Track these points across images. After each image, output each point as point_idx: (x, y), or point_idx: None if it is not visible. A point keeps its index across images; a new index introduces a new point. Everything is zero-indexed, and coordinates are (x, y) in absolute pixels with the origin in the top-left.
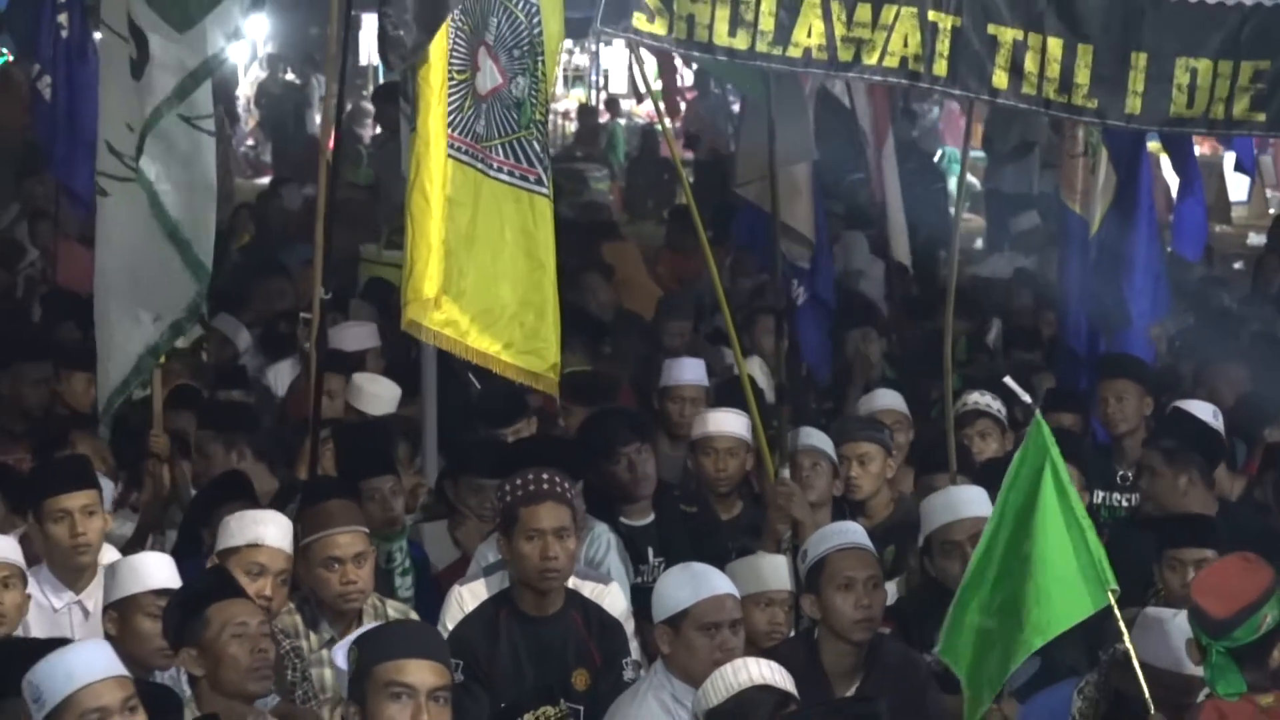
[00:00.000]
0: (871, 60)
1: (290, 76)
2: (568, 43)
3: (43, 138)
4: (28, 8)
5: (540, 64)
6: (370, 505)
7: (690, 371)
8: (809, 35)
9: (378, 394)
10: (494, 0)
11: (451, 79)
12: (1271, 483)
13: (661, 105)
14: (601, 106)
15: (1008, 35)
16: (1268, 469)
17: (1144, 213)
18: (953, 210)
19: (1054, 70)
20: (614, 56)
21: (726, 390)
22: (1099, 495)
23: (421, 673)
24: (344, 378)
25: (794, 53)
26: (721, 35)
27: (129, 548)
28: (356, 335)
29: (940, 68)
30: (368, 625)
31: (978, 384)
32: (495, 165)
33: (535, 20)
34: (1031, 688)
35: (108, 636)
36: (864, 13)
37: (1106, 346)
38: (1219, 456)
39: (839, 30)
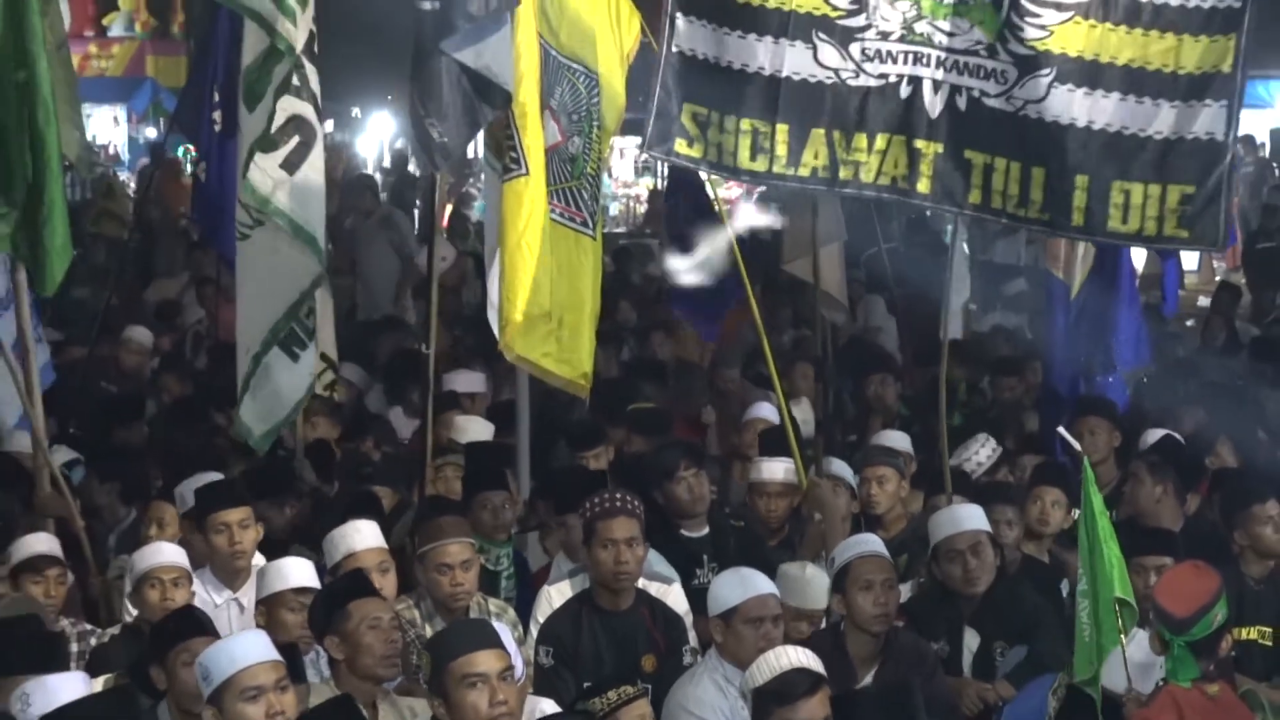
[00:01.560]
0: (868, 179)
1: (412, 167)
2: (635, 139)
3: (203, 215)
4: (191, 106)
5: (595, 127)
6: (484, 514)
7: (765, 410)
8: (815, 158)
9: (474, 430)
10: (560, 73)
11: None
12: (1218, 502)
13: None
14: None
15: (979, 159)
16: (1215, 490)
17: (1125, 278)
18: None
19: (1014, 189)
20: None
21: (772, 434)
22: (1076, 513)
23: (489, 661)
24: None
25: (803, 172)
26: (744, 160)
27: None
28: (467, 380)
29: (924, 186)
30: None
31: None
32: (552, 207)
33: (594, 92)
34: (1018, 673)
35: (259, 627)
36: (860, 140)
37: (1085, 390)
38: (1196, 479)
39: (840, 155)
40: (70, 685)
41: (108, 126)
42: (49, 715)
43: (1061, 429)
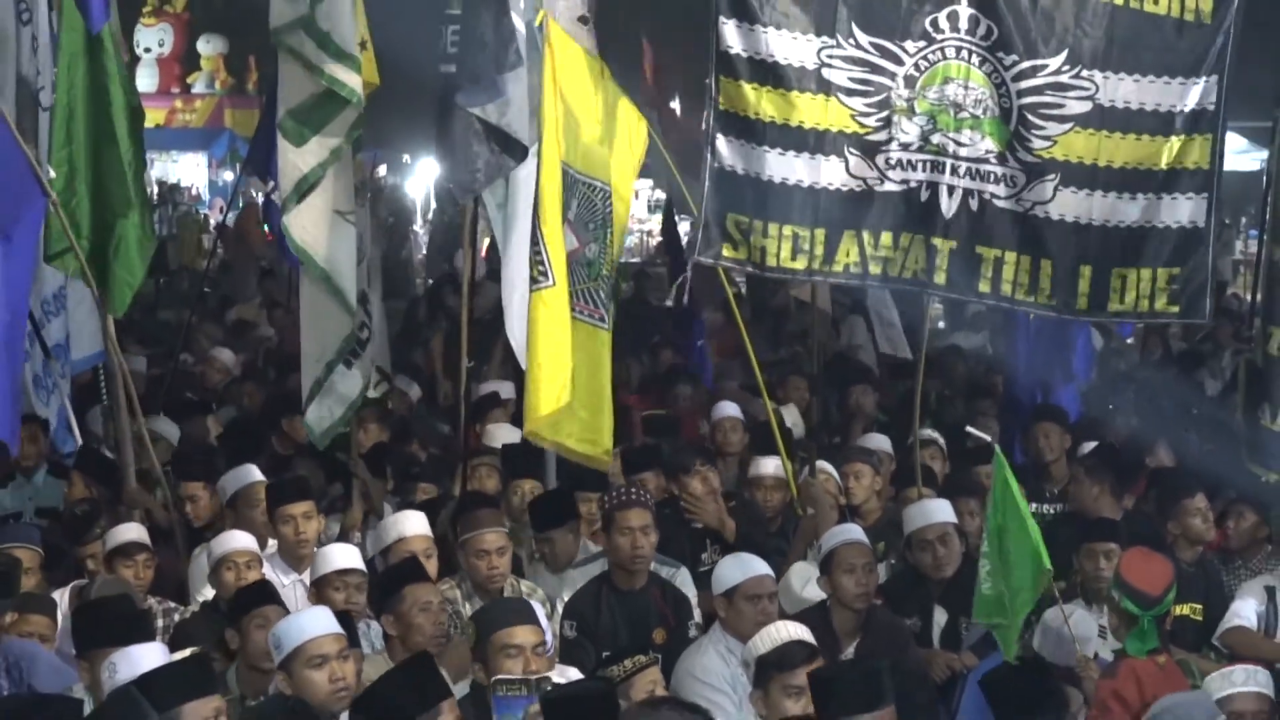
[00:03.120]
0: (893, 273)
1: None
2: (649, 182)
3: (279, 244)
4: (261, 149)
5: (609, 234)
6: (514, 499)
7: (730, 409)
8: (848, 256)
9: (502, 434)
10: (575, 188)
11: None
12: (1154, 498)
13: None
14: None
15: (990, 254)
16: (1150, 487)
17: None
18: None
19: (1024, 279)
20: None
21: (761, 432)
22: (1033, 506)
23: (526, 634)
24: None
25: (838, 269)
26: (785, 260)
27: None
28: (500, 387)
29: (940, 278)
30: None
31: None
32: (575, 306)
33: (607, 203)
34: (981, 645)
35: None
36: (886, 239)
37: (1042, 399)
38: (1134, 478)
39: (869, 252)
40: (151, 655)
41: (190, 171)
42: (136, 680)
43: (970, 428)
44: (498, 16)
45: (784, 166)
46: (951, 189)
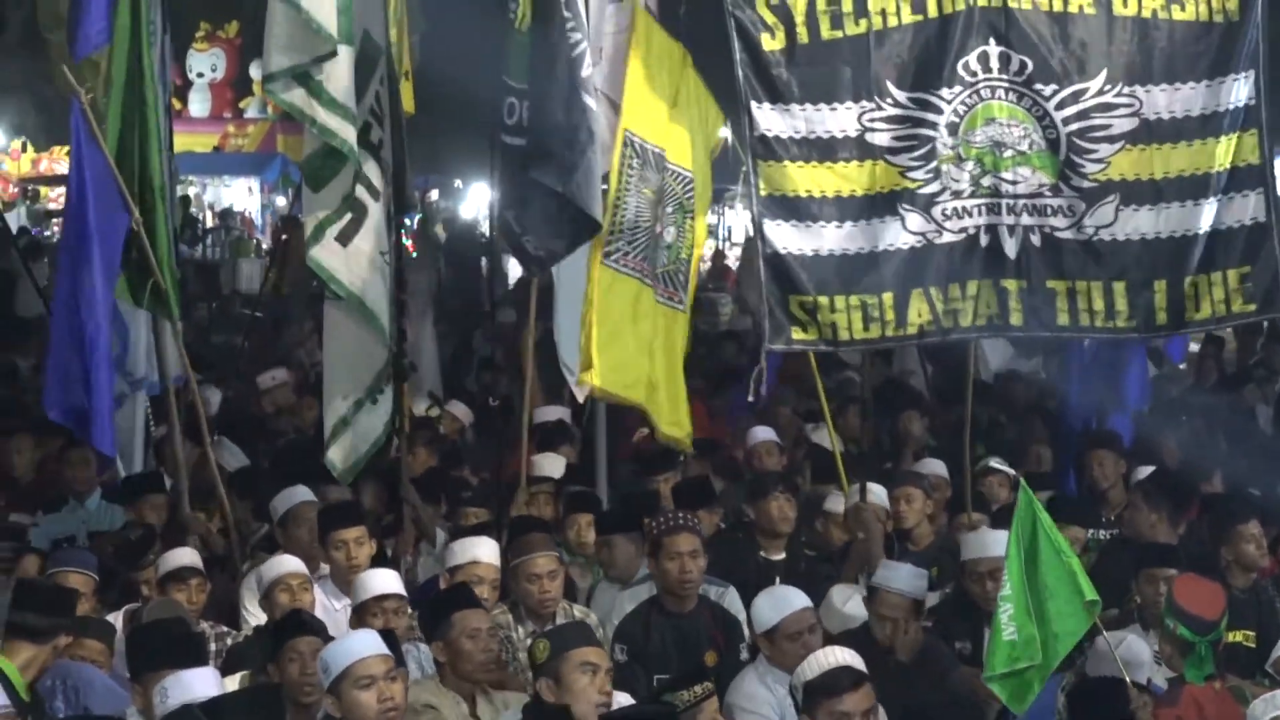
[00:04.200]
0: (966, 324)
1: None
2: None
3: None
4: None
5: (689, 220)
6: (570, 534)
7: (764, 434)
8: (919, 315)
9: (548, 465)
10: (663, 174)
11: (637, 225)
12: (1207, 523)
13: None
14: (726, 251)
15: (1062, 286)
16: (1204, 513)
17: None
18: None
19: (1100, 304)
20: (736, 217)
21: (823, 459)
22: (1089, 532)
23: (600, 656)
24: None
25: (911, 330)
26: (858, 331)
27: (390, 565)
28: (554, 413)
29: (1016, 319)
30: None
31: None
32: (656, 289)
33: (689, 190)
34: None
35: None
36: (954, 290)
37: (1096, 425)
38: (1188, 503)
39: (939, 307)
40: (202, 680)
41: (243, 195)
42: (204, 705)
43: (994, 460)
44: (569, 96)
45: (840, 238)
46: (1011, 228)
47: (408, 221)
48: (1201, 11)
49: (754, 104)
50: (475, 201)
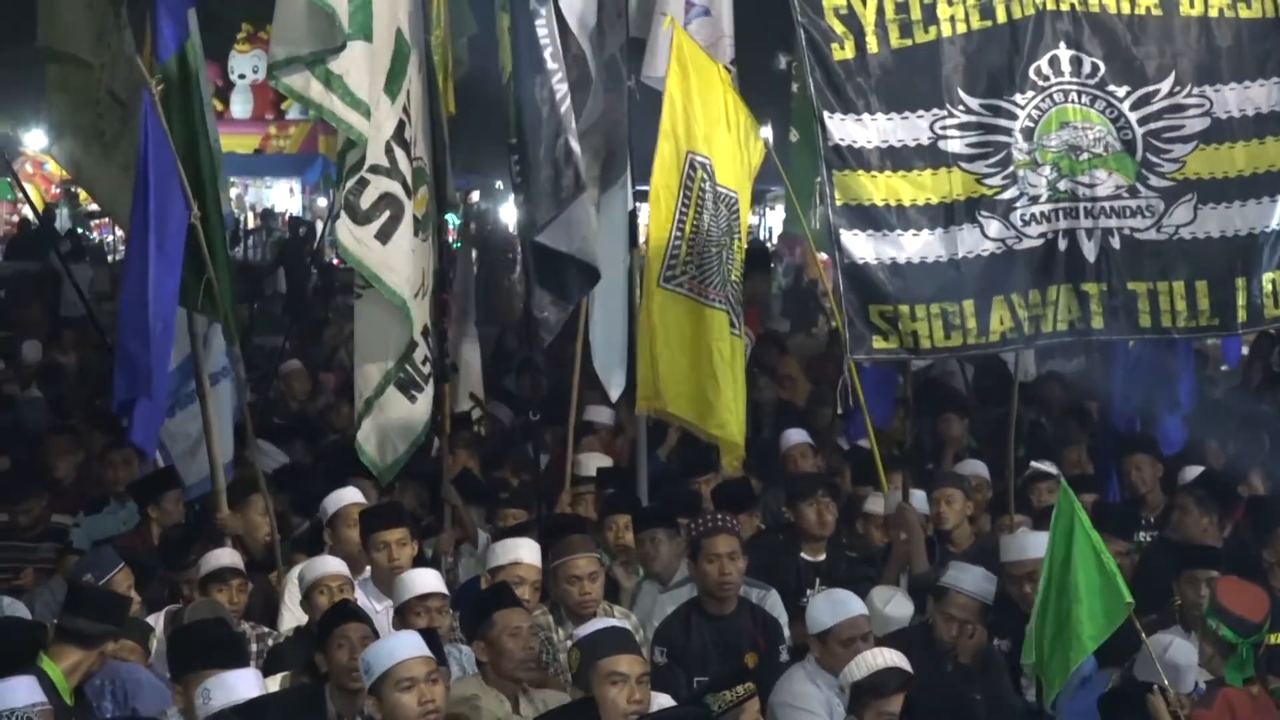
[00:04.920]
0: (1048, 329)
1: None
2: None
3: None
4: None
5: (735, 241)
6: (610, 535)
7: (798, 436)
8: (1001, 323)
9: (594, 464)
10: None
11: (707, 248)
12: (1250, 525)
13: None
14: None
15: (1142, 287)
16: (1248, 514)
17: None
18: None
19: (1182, 305)
20: (776, 216)
21: (861, 459)
22: (1140, 535)
23: (631, 664)
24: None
25: (994, 338)
26: (940, 339)
27: (431, 565)
28: (599, 413)
29: (1098, 322)
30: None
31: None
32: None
33: (734, 210)
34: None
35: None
36: (1035, 296)
37: (1141, 428)
38: (1232, 506)
39: (1021, 314)
40: (245, 681)
41: (284, 196)
42: (242, 706)
43: (1035, 463)
44: (551, 140)
45: (918, 246)
46: (1090, 232)
47: (451, 221)
48: (1268, 8)
49: (826, 114)
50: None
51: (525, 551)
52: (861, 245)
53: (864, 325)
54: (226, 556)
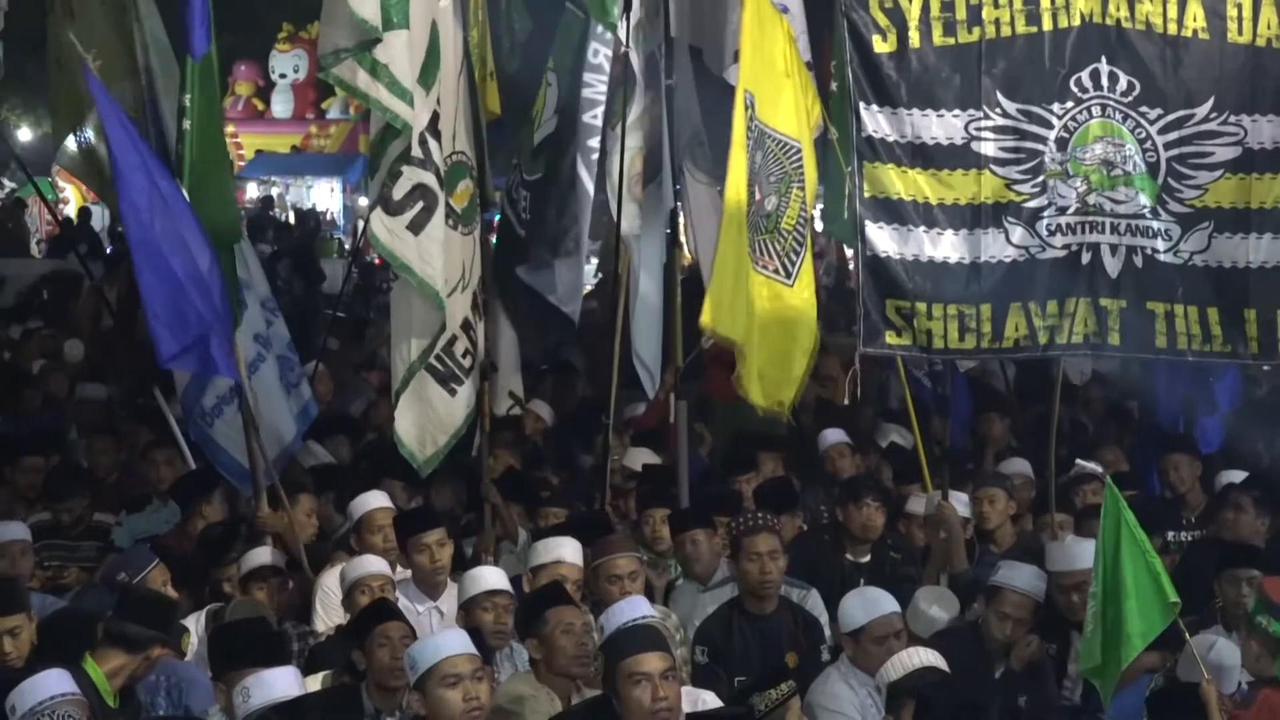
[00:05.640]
0: (1062, 340)
1: None
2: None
3: None
4: None
5: (793, 190)
6: (646, 529)
7: (836, 435)
8: (1016, 330)
9: (641, 457)
10: (765, 141)
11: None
12: None
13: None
14: None
15: (1160, 308)
16: None
17: None
18: None
19: (1196, 329)
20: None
21: (909, 461)
22: (1170, 534)
23: (653, 661)
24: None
25: (1008, 344)
26: (954, 341)
27: (469, 563)
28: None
29: (1115, 339)
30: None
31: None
32: (753, 259)
33: (796, 159)
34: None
35: (462, 627)
36: (1053, 306)
37: (1184, 428)
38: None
39: (1037, 323)
40: (283, 680)
41: (325, 196)
42: (281, 705)
43: (1080, 461)
44: (564, 191)
45: (942, 245)
46: (1114, 248)
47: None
48: None
49: (862, 105)
50: None
51: (567, 550)
52: (885, 239)
53: (880, 318)
54: (267, 555)
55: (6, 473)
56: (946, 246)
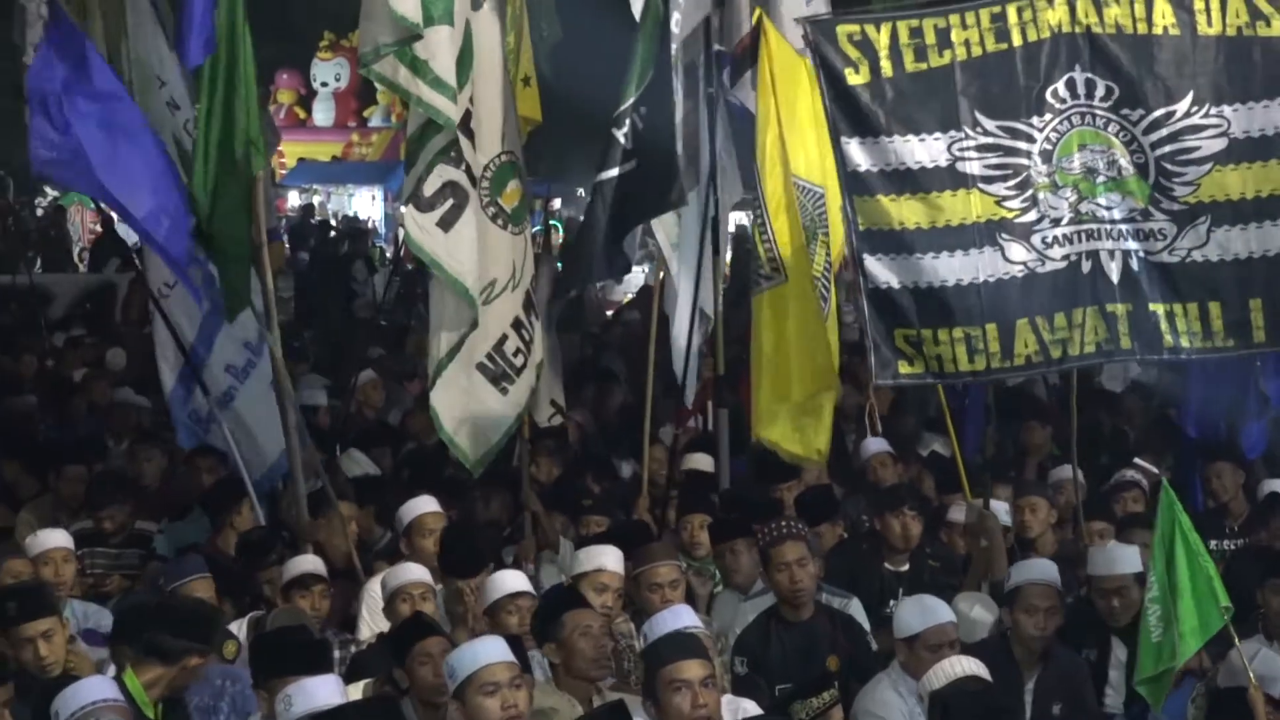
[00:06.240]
0: (1075, 352)
1: None
2: None
3: None
4: None
5: (821, 235)
6: (685, 535)
7: (878, 445)
8: (1025, 346)
9: (698, 461)
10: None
11: None
12: None
13: None
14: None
15: (1161, 309)
16: None
17: None
18: None
19: (1197, 326)
20: None
21: (948, 470)
22: (1213, 543)
23: (693, 668)
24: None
25: (1018, 362)
26: (963, 362)
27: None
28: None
29: (1126, 342)
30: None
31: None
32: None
33: (819, 205)
34: None
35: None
36: (1060, 319)
37: (1226, 434)
38: None
39: (1046, 337)
40: (325, 688)
41: (367, 204)
42: (323, 715)
43: (1138, 460)
44: (609, 229)
45: (940, 269)
46: (1112, 253)
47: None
48: None
49: (843, 139)
50: None
51: (608, 558)
52: (884, 270)
53: (890, 350)
54: (308, 563)
55: (51, 481)
56: (944, 270)
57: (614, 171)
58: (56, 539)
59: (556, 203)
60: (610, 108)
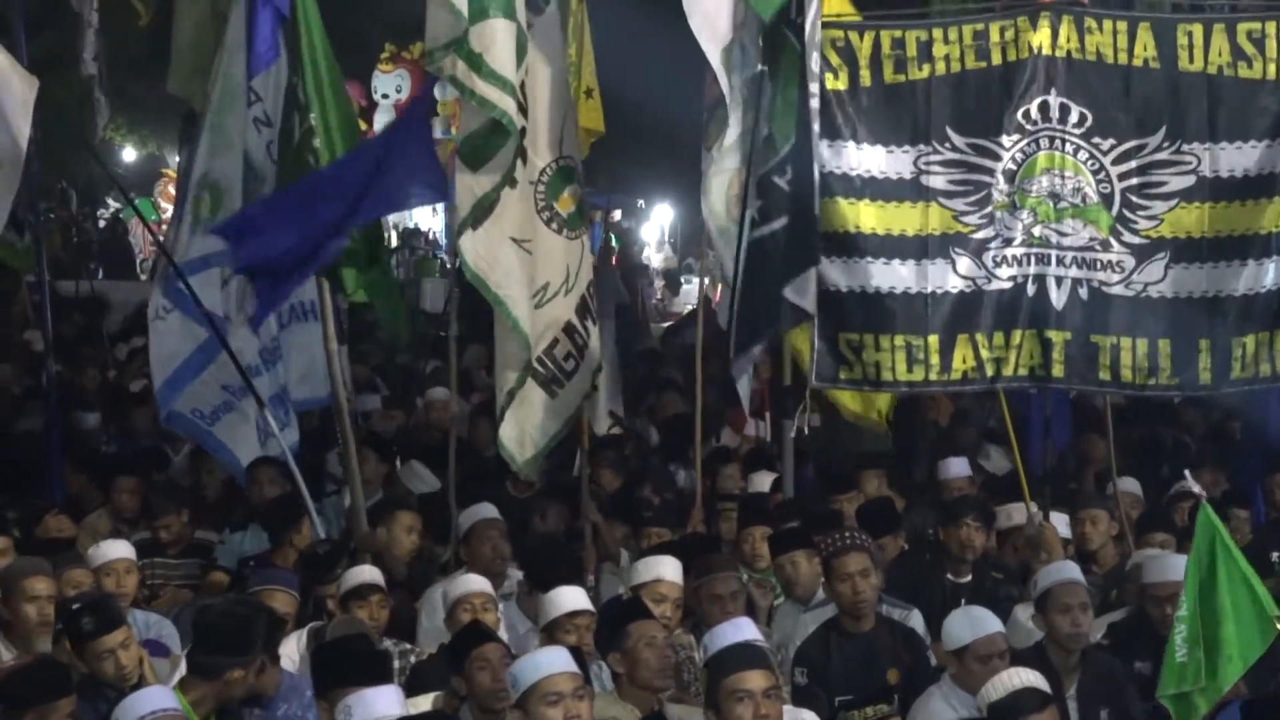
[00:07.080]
0: (1008, 372)
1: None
2: None
3: None
4: None
5: None
6: (745, 547)
7: (957, 468)
8: (963, 361)
9: (758, 480)
10: None
11: None
12: None
13: None
14: None
15: (1106, 341)
16: None
17: None
18: None
19: (1144, 363)
20: None
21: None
22: (1275, 555)
23: (755, 679)
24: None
25: (955, 376)
26: (901, 373)
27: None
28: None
29: (1058, 370)
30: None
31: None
32: None
33: None
34: None
35: None
36: (999, 338)
37: None
38: None
39: (984, 354)
40: (385, 698)
41: (426, 216)
42: None
43: (1187, 473)
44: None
45: (889, 276)
46: (1060, 280)
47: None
48: (1269, 70)
49: (815, 139)
50: (658, 222)
51: (667, 569)
52: (837, 272)
53: (831, 353)
54: (367, 573)
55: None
56: (894, 277)
57: (780, 223)
58: (119, 550)
59: (616, 214)
60: (671, 122)
